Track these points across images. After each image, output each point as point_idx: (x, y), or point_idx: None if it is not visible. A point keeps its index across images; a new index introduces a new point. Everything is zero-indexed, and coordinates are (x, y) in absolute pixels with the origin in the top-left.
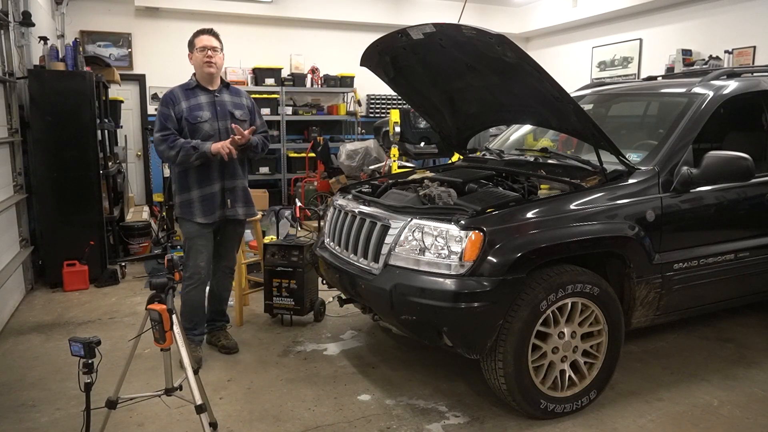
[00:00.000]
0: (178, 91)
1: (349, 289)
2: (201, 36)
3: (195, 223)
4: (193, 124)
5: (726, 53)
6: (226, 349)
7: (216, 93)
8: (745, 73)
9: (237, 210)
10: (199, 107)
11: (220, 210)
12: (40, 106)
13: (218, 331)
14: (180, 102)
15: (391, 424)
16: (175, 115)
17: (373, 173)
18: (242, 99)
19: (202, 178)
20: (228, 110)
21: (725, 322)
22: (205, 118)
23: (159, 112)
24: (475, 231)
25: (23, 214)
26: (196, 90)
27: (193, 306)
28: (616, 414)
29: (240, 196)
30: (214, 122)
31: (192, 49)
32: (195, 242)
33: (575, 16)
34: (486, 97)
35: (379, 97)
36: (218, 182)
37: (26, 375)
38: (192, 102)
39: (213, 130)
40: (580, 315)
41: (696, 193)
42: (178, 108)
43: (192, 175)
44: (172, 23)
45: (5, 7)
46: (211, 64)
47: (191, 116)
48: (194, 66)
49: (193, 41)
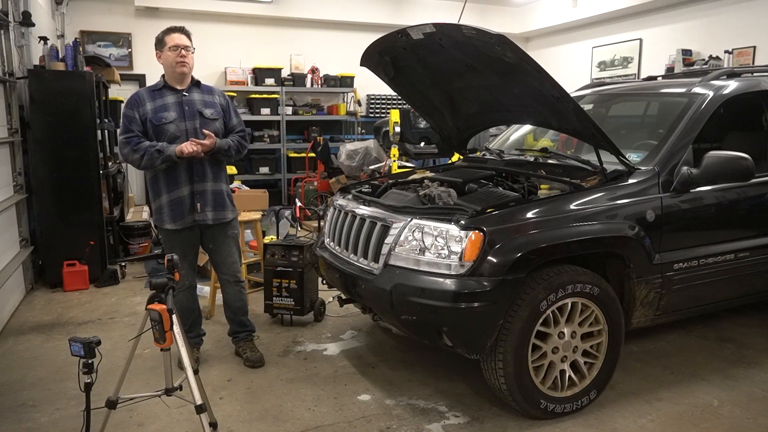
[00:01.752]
0: (143, 93)
1: (349, 289)
2: (172, 34)
3: (166, 230)
4: (157, 125)
5: (726, 53)
6: (249, 362)
7: (184, 92)
8: (745, 73)
9: (206, 214)
10: (164, 108)
11: (189, 215)
12: (40, 106)
13: (242, 342)
14: (145, 103)
15: (391, 424)
16: (140, 116)
17: (373, 173)
18: (214, 97)
19: (170, 182)
20: (197, 109)
21: (725, 322)
22: (170, 119)
23: (123, 114)
24: (475, 231)
25: (23, 214)
26: (163, 90)
27: (182, 308)
28: (616, 414)
29: (209, 200)
30: (180, 122)
31: (161, 48)
32: (173, 248)
33: (575, 16)
34: (486, 97)
35: (379, 97)
36: (187, 185)
37: (26, 375)
38: (158, 103)
39: (179, 131)
40: (580, 315)
41: (696, 193)
42: (143, 110)
43: (161, 180)
44: (172, 23)
45: (5, 7)
46: (184, 63)
47: (155, 117)
48: (164, 65)
49: (163, 39)
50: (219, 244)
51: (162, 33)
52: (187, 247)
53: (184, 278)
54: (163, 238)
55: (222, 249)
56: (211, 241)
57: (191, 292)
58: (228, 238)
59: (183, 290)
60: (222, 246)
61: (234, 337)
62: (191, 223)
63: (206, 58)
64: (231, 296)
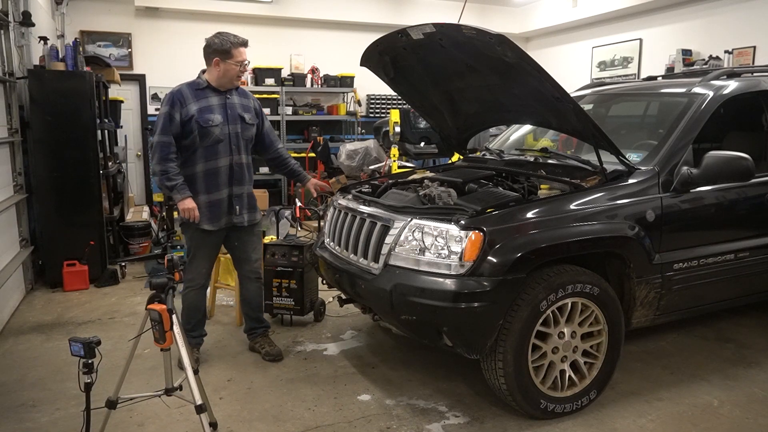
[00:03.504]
0: (186, 91)
1: (349, 289)
2: (240, 48)
3: (200, 230)
4: (204, 127)
5: (726, 53)
6: (270, 356)
7: (227, 95)
8: (745, 73)
9: (243, 216)
10: (210, 110)
11: (226, 216)
12: (40, 106)
13: (259, 337)
14: (188, 103)
15: (391, 424)
16: (181, 117)
17: (373, 173)
18: (250, 101)
19: (210, 184)
20: (238, 113)
21: (725, 322)
22: (217, 122)
23: (163, 111)
24: (475, 231)
25: (23, 214)
26: (206, 91)
27: (190, 307)
28: (616, 414)
29: (245, 203)
30: (224, 126)
31: (225, 58)
32: (199, 248)
33: (575, 16)
34: (486, 97)
35: (379, 97)
36: (226, 188)
37: (26, 375)
38: (202, 103)
39: (223, 134)
40: (580, 315)
41: (696, 193)
42: (185, 110)
43: (200, 181)
44: (172, 23)
45: (5, 7)
46: (241, 78)
47: (202, 119)
48: (221, 73)
49: (231, 51)
50: (245, 242)
51: (229, 43)
52: (214, 247)
53: (201, 276)
54: (191, 236)
55: (247, 246)
56: (237, 239)
57: (203, 291)
58: (254, 236)
59: (195, 289)
60: (247, 244)
61: (251, 333)
62: (227, 224)
63: None
64: (252, 293)
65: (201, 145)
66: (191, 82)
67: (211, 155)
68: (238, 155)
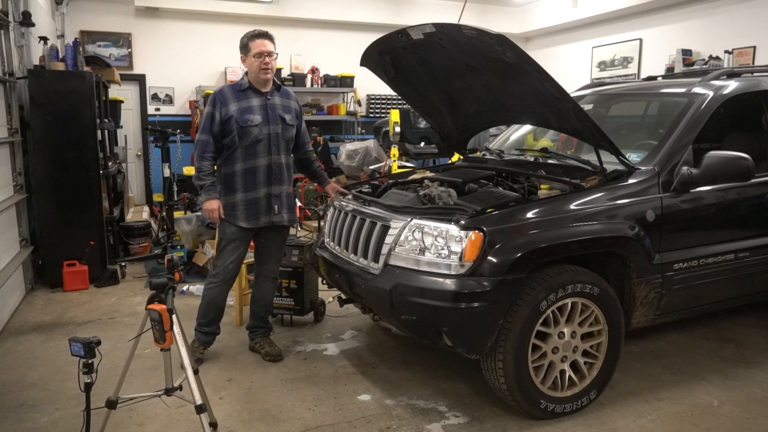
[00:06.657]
0: (228, 91)
1: (349, 289)
2: (256, 40)
3: (237, 227)
4: (243, 127)
5: (726, 53)
6: (270, 356)
7: (268, 96)
8: (745, 73)
9: (283, 216)
10: (250, 110)
11: (265, 215)
12: (40, 106)
13: (260, 338)
14: (229, 103)
15: (391, 424)
16: (221, 116)
17: (373, 173)
18: (291, 102)
19: (248, 182)
20: (278, 114)
21: (725, 322)
22: (256, 122)
23: (206, 111)
24: (475, 231)
25: (23, 214)
26: (248, 91)
27: (210, 302)
28: (616, 414)
29: (284, 202)
30: (264, 127)
31: (246, 53)
32: (231, 244)
33: (575, 16)
34: (486, 97)
35: (379, 97)
36: (264, 187)
37: (26, 375)
38: (243, 104)
39: (262, 134)
40: (580, 315)
41: (696, 193)
42: (225, 110)
43: (239, 179)
44: (172, 23)
45: (5, 7)
46: (267, 70)
47: (241, 119)
48: (248, 70)
49: (248, 45)
50: (271, 240)
51: (247, 38)
52: (245, 243)
53: (229, 273)
54: (225, 230)
55: (272, 246)
56: (264, 236)
57: (226, 288)
58: (280, 237)
59: (219, 285)
60: (273, 243)
61: (252, 331)
62: (266, 223)
63: (206, 58)
64: (266, 292)
65: (241, 145)
66: (235, 83)
67: (250, 154)
68: (277, 155)
